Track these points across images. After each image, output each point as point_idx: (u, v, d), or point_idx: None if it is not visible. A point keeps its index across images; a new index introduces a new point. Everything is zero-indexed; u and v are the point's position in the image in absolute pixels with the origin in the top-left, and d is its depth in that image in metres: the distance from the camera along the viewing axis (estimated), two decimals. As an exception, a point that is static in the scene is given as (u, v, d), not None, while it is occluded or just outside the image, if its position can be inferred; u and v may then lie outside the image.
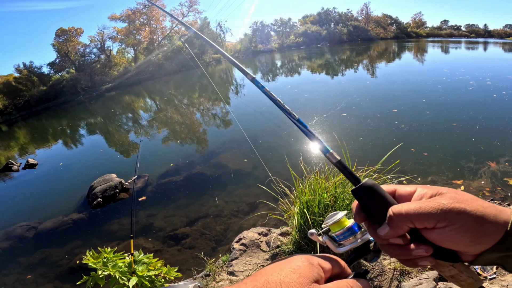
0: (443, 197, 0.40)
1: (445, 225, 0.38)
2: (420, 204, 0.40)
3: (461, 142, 5.49)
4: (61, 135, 14.04)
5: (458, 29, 56.39)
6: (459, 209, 0.38)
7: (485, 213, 0.38)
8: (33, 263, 4.15)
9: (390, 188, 0.46)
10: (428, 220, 0.39)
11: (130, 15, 36.99)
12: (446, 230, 0.38)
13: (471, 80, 10.84)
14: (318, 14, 53.62)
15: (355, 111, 8.18)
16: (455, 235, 0.38)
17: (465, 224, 0.37)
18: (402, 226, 0.40)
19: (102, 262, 1.94)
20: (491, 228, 0.37)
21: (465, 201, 0.39)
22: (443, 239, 0.39)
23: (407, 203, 0.41)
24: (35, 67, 32.20)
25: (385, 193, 0.44)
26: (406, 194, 0.45)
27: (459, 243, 0.38)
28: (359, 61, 23.53)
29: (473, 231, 0.37)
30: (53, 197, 6.29)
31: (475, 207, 0.38)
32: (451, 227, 0.38)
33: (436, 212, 0.38)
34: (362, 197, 0.45)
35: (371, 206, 0.44)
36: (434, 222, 0.38)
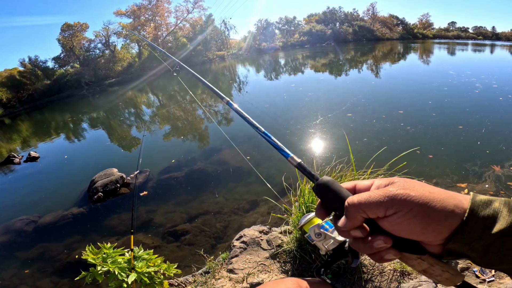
0: (392, 185, 0.41)
1: (393, 213, 0.38)
2: (370, 193, 0.41)
3: (467, 145, 5.45)
4: (64, 128, 14.08)
5: (466, 31, 55.88)
6: (403, 194, 0.38)
7: (431, 198, 0.37)
8: (31, 258, 4.13)
9: (350, 184, 0.48)
10: (378, 208, 0.39)
11: (135, 11, 37.05)
12: (395, 217, 0.38)
13: (477, 82, 10.72)
14: (323, 13, 53.34)
15: (360, 111, 8.10)
16: (403, 222, 0.38)
17: (411, 210, 0.37)
18: (356, 216, 0.41)
19: (101, 258, 1.92)
20: (439, 214, 0.37)
21: (411, 187, 0.39)
22: (394, 228, 0.39)
23: (360, 194, 0.42)
24: (40, 61, 32.44)
25: (341, 188, 0.46)
26: (364, 188, 0.46)
27: (411, 231, 0.38)
28: (363, 61, 23.38)
29: (420, 217, 0.37)
30: (53, 190, 6.28)
31: (420, 193, 0.38)
32: (398, 214, 0.38)
33: (384, 199, 0.39)
34: (321, 194, 0.47)
35: (330, 201, 0.46)
36: (383, 210, 0.39)
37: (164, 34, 39.93)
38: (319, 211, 0.47)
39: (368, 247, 0.42)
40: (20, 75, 29.37)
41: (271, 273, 2.40)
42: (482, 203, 0.37)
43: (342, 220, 0.43)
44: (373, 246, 0.41)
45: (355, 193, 0.45)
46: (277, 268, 2.45)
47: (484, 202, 0.37)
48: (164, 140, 8.56)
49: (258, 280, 2.34)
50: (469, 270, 2.35)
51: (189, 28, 41.45)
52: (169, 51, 37.00)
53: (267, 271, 2.44)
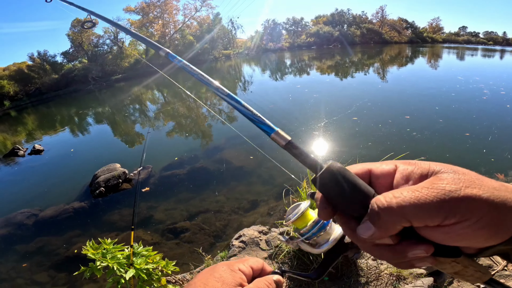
0: (444, 180, 0.29)
1: (455, 222, 0.28)
2: (416, 193, 0.29)
3: (472, 152, 5.40)
4: (69, 122, 14.23)
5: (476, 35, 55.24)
6: (474, 197, 0.27)
7: (503, 199, 0.27)
8: (30, 252, 4.14)
9: (362, 169, 0.36)
10: (431, 217, 0.28)
11: (144, 8, 37.32)
12: (457, 228, 0.28)
13: (485, 89, 10.57)
14: (331, 14, 53.15)
15: (366, 115, 8.03)
16: (469, 233, 0.28)
17: (482, 218, 0.27)
18: (394, 226, 0.30)
19: (101, 253, 1.92)
20: (510, 218, 0.27)
21: (473, 182, 0.29)
22: (451, 239, 0.29)
23: (396, 192, 0.30)
24: (49, 56, 32.91)
25: (357, 179, 0.34)
26: (384, 175, 0.35)
27: (472, 240, 0.29)
28: (370, 64, 23.21)
29: (492, 225, 0.27)
30: (56, 184, 6.33)
31: (490, 192, 0.28)
32: (463, 224, 0.27)
33: (441, 203, 0.27)
34: (326, 188, 0.35)
35: (339, 198, 0.34)
36: (440, 219, 0.28)
37: (172, 32, 40.13)
38: (324, 211, 0.35)
39: (397, 257, 0.32)
40: (28, 69, 29.77)
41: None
42: None
43: (369, 229, 0.31)
44: (406, 255, 0.31)
45: (370, 184, 0.35)
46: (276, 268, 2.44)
47: None
48: (168, 137, 8.59)
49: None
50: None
51: (196, 26, 41.61)
52: (175, 48, 37.22)
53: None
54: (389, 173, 0.35)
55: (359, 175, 0.35)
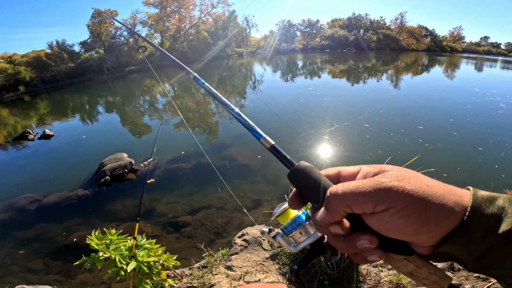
0: (384, 175, 0.34)
1: (383, 209, 0.32)
2: (357, 183, 0.34)
3: (484, 167, 5.29)
4: (80, 110, 14.47)
5: (497, 46, 53.73)
6: (398, 187, 0.32)
7: (429, 194, 0.31)
8: (28, 238, 4.14)
9: (333, 171, 0.42)
10: (365, 202, 0.33)
11: (163, 2, 37.67)
12: (385, 215, 0.32)
13: (502, 102, 10.27)
14: (348, 18, 52.54)
15: (378, 122, 7.89)
16: (395, 221, 0.32)
17: (405, 207, 0.31)
18: (338, 210, 0.35)
19: (105, 244, 1.91)
20: (436, 212, 0.31)
21: (406, 178, 0.33)
22: (383, 226, 0.33)
23: (346, 183, 0.36)
24: (67, 45, 33.59)
25: (321, 175, 0.40)
26: (349, 175, 0.40)
27: (402, 231, 0.32)
28: (384, 70, 22.84)
29: (415, 216, 0.31)
30: (62, 170, 6.40)
31: (417, 186, 0.32)
32: (390, 211, 0.32)
33: (374, 192, 0.33)
34: (297, 182, 0.41)
35: (307, 191, 0.40)
36: (372, 204, 0.33)
37: (187, 27, 40.40)
38: (292, 200, 0.41)
39: (349, 247, 0.36)
40: (46, 56, 30.43)
41: (268, 274, 2.37)
42: (484, 200, 0.32)
43: (321, 212, 0.37)
44: (355, 245, 0.35)
45: (338, 182, 0.39)
46: (275, 270, 2.41)
47: (487, 198, 0.32)
48: (175, 130, 8.63)
49: (255, 279, 2.33)
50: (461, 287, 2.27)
51: (211, 22, 41.78)
52: (190, 43, 37.47)
53: (265, 271, 2.41)
54: (354, 174, 0.40)
55: (331, 175, 0.41)
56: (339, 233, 0.36)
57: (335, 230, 0.36)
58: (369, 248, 0.35)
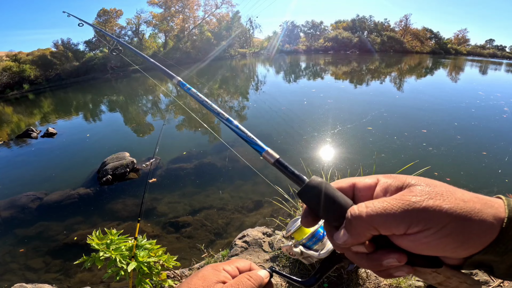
0: (412, 192, 0.31)
1: (418, 230, 0.30)
2: (384, 204, 0.31)
3: (487, 172, 5.25)
4: (84, 108, 14.55)
5: (503, 49, 53.18)
6: (434, 207, 0.29)
7: (468, 210, 0.29)
8: (29, 236, 4.15)
9: (347, 183, 0.39)
10: (397, 226, 0.30)
11: (167, 1, 37.83)
12: (421, 236, 0.30)
13: (506, 106, 10.18)
14: (352, 20, 52.37)
15: (381, 125, 7.84)
16: (433, 242, 0.30)
17: (444, 228, 0.29)
18: (364, 233, 0.32)
19: (105, 244, 1.90)
20: (477, 229, 0.29)
21: (440, 195, 0.30)
22: (418, 247, 0.31)
23: (369, 203, 0.33)
24: (72, 44, 33.91)
25: (336, 192, 0.37)
26: (366, 188, 0.37)
27: (439, 250, 0.30)
28: (388, 72, 22.75)
29: (456, 235, 0.29)
30: (64, 168, 6.42)
31: (454, 203, 0.30)
32: (426, 233, 0.29)
33: (405, 213, 0.30)
34: (309, 200, 0.38)
35: (322, 209, 0.37)
36: (404, 227, 0.30)
37: (191, 27, 40.53)
38: (306, 219, 0.39)
39: (374, 265, 0.34)
40: (51, 55, 30.70)
41: (268, 276, 2.35)
42: None
43: (342, 235, 0.34)
44: (381, 263, 0.33)
45: (353, 196, 0.37)
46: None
47: None
48: (178, 131, 8.65)
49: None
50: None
51: (215, 23, 41.88)
52: (193, 43, 37.58)
53: (264, 273, 2.39)
54: (371, 186, 0.37)
55: (344, 188, 0.38)
56: (362, 252, 0.34)
57: (358, 250, 0.34)
58: (397, 265, 0.33)
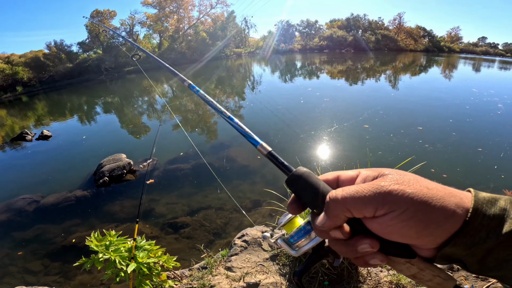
0: (383, 179, 0.35)
1: (384, 213, 0.33)
2: (357, 187, 0.35)
3: (483, 168, 5.31)
4: (78, 110, 14.41)
5: (495, 47, 53.85)
6: (398, 191, 0.32)
7: (429, 196, 0.32)
8: (27, 239, 4.12)
9: (332, 175, 0.42)
10: (366, 207, 0.33)
11: (161, 2, 37.62)
12: (386, 218, 0.32)
13: (500, 103, 10.32)
14: (346, 19, 52.63)
15: (377, 123, 7.89)
16: (396, 225, 0.32)
17: (406, 211, 0.31)
18: (339, 215, 0.35)
19: (104, 246, 1.90)
20: (438, 215, 0.31)
21: (406, 181, 0.33)
22: (385, 230, 0.33)
23: (345, 187, 0.36)
24: (65, 45, 33.58)
25: (319, 180, 0.40)
26: (348, 179, 0.40)
27: (404, 234, 0.32)
28: (383, 71, 22.90)
29: (416, 219, 0.31)
30: (60, 171, 6.36)
31: (417, 189, 0.32)
32: (390, 215, 0.32)
33: (373, 196, 0.33)
34: (295, 188, 0.41)
35: (306, 196, 0.40)
36: (372, 209, 0.33)
37: (186, 27, 40.38)
38: (291, 206, 0.41)
39: (350, 251, 0.36)
40: (44, 57, 30.36)
41: (268, 275, 2.36)
42: (486, 201, 0.32)
43: (321, 218, 0.37)
44: (356, 250, 0.35)
45: (337, 187, 0.39)
46: (275, 270, 2.40)
47: (488, 200, 0.32)
48: (174, 131, 8.60)
49: (255, 280, 2.31)
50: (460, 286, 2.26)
51: (210, 23, 41.77)
52: (188, 44, 37.46)
53: (265, 272, 2.40)
54: (353, 178, 0.40)
55: (329, 180, 0.41)
56: (339, 238, 0.36)
57: (336, 235, 0.36)
58: (370, 252, 0.35)
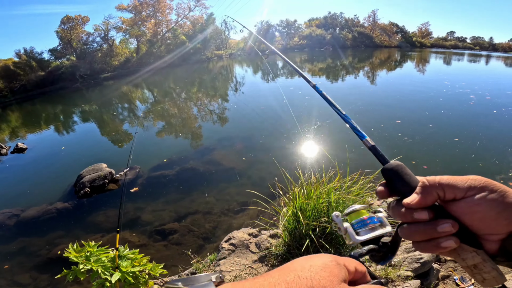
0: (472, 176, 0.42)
1: (473, 193, 0.39)
2: (452, 176, 0.42)
3: (461, 157, 5.53)
4: (54, 120, 13.81)
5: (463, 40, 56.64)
6: (486, 181, 0.40)
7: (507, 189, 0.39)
8: (11, 252, 4.00)
9: None
10: (458, 189, 0.40)
11: (137, 6, 36.71)
12: (475, 198, 0.39)
13: (471, 94, 10.88)
14: (324, 17, 53.72)
15: (358, 119, 8.05)
16: (482, 204, 0.38)
17: (492, 193, 0.38)
18: (432, 193, 0.41)
19: (84, 256, 1.85)
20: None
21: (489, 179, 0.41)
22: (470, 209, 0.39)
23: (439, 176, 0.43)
24: (36, 53, 31.87)
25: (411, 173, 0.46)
26: None
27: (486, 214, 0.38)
28: (361, 67, 23.56)
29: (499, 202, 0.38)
30: (39, 184, 6.10)
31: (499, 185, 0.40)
32: (479, 196, 0.39)
33: (466, 182, 0.40)
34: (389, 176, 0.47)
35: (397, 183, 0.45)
36: (464, 191, 0.40)
37: (164, 31, 39.66)
38: (381, 191, 0.46)
39: (429, 231, 0.40)
40: (14, 65, 28.79)
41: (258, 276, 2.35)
42: None
43: (413, 196, 0.42)
44: (436, 229, 0.40)
45: None
46: (265, 271, 2.40)
47: None
48: (157, 137, 8.43)
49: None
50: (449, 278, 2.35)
51: (189, 26, 41.26)
52: (167, 47, 36.82)
53: (254, 274, 2.39)
54: None
55: None
56: (423, 219, 0.41)
57: (420, 215, 0.41)
58: (449, 232, 0.39)
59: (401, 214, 0.43)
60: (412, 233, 0.42)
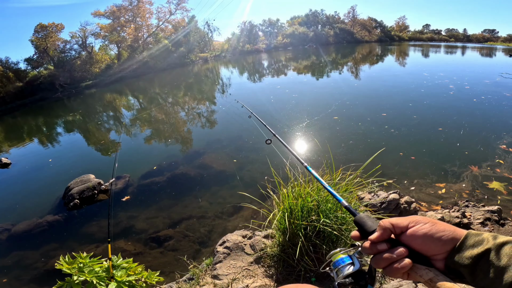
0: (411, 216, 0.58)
1: (413, 225, 0.55)
2: (398, 217, 0.59)
3: (447, 146, 5.66)
4: (37, 133, 13.35)
5: (439, 33, 58.68)
6: (421, 217, 0.56)
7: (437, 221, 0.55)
8: (7, 266, 3.91)
9: None
10: (403, 224, 0.56)
11: (115, 12, 35.85)
12: (416, 227, 0.55)
13: (451, 84, 11.27)
14: (306, 15, 54.29)
15: (346, 114, 8.23)
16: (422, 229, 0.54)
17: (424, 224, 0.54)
18: (387, 230, 0.57)
19: (77, 268, 1.83)
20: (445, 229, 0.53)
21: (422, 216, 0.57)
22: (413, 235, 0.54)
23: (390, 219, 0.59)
24: (12, 63, 30.55)
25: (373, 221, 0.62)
26: None
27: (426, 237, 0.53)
28: (345, 63, 23.96)
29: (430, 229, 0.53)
30: (27, 198, 5.90)
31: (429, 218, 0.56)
32: (418, 225, 0.55)
33: (408, 219, 0.57)
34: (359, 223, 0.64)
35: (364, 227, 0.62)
36: (407, 223, 0.56)
37: (145, 36, 38.99)
38: (355, 235, 0.62)
39: (389, 257, 0.54)
40: (-10, 77, 27.61)
41: (255, 278, 2.36)
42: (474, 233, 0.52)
43: (375, 234, 0.57)
44: (393, 255, 0.53)
45: None
46: (262, 273, 2.41)
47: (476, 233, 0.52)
48: (145, 144, 8.30)
49: (243, 285, 2.30)
50: None
51: (171, 29, 40.74)
52: (149, 52, 36.20)
53: (251, 276, 2.40)
54: None
55: None
56: (384, 249, 0.55)
57: (382, 246, 0.56)
58: (403, 255, 0.53)
59: (369, 249, 0.58)
60: (378, 261, 0.55)
